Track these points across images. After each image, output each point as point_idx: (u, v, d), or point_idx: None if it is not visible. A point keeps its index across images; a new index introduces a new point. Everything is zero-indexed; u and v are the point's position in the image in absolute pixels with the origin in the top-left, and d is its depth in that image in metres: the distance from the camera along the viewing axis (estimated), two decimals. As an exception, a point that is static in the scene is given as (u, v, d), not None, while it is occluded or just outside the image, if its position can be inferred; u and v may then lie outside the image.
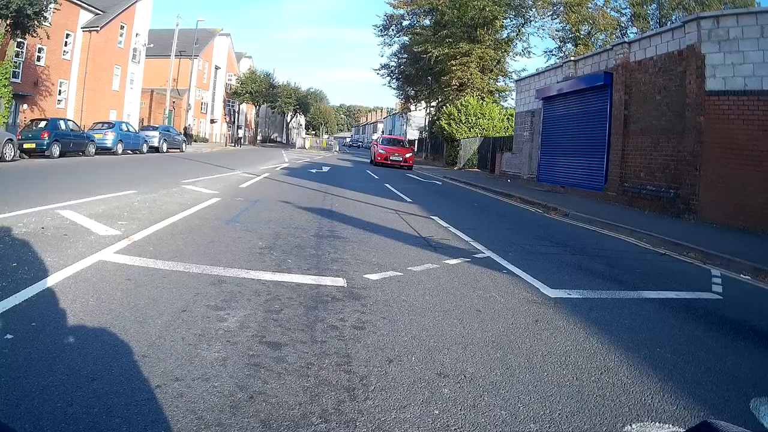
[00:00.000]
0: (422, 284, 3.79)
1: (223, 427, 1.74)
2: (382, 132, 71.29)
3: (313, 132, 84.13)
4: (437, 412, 1.97)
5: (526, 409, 2.06)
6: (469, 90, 28.29)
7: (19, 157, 13.83)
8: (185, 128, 34.27)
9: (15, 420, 1.66)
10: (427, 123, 39.47)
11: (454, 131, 26.26)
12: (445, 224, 6.91)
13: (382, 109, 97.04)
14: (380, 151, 23.34)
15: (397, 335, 2.73)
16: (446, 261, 4.64)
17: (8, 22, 16.20)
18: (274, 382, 2.08)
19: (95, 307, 2.74)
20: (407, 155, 23.19)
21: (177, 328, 2.54)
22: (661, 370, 2.61)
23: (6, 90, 17.37)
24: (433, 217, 7.59)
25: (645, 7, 28.55)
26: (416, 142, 46.12)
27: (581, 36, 29.47)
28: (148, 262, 3.71)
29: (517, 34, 31.10)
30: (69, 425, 1.66)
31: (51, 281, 3.09)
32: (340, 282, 3.63)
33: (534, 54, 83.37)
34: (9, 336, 2.30)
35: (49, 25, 19.14)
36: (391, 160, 22.52)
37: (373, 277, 3.85)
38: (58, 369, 2.03)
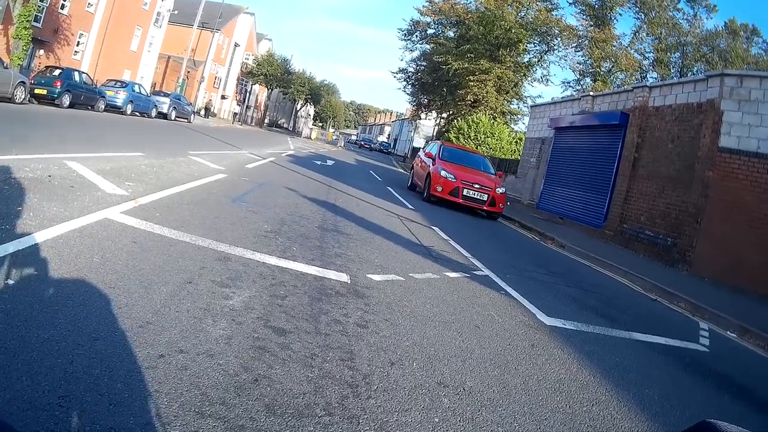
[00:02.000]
0: (423, 292, 3.81)
1: (227, 406, 1.72)
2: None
3: (320, 124, 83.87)
4: (437, 420, 1.99)
5: (522, 429, 2.09)
6: (482, 107, 28.43)
7: (29, 101, 13.69)
8: (206, 102, 34.04)
9: (12, 371, 1.60)
10: (435, 133, 39.53)
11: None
12: (445, 236, 6.93)
13: (391, 112, 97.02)
14: (444, 174, 10.99)
15: (399, 339, 2.75)
16: (446, 273, 4.66)
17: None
18: (278, 368, 2.07)
19: (100, 265, 2.69)
20: (498, 190, 11.10)
21: (182, 299, 2.52)
22: (648, 410, 2.66)
23: (26, 32, 17.21)
24: (433, 227, 7.61)
25: (669, 54, 28.97)
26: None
27: (601, 72, 29.81)
28: (155, 227, 3.68)
29: (538, 60, 31.38)
30: (69, 384, 1.61)
31: (56, 231, 3.02)
32: (344, 278, 3.63)
33: (552, 83, 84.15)
34: (10, 282, 2.24)
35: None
36: (464, 198, 10.74)
37: (376, 277, 3.86)
38: (59, 323, 1.97)
